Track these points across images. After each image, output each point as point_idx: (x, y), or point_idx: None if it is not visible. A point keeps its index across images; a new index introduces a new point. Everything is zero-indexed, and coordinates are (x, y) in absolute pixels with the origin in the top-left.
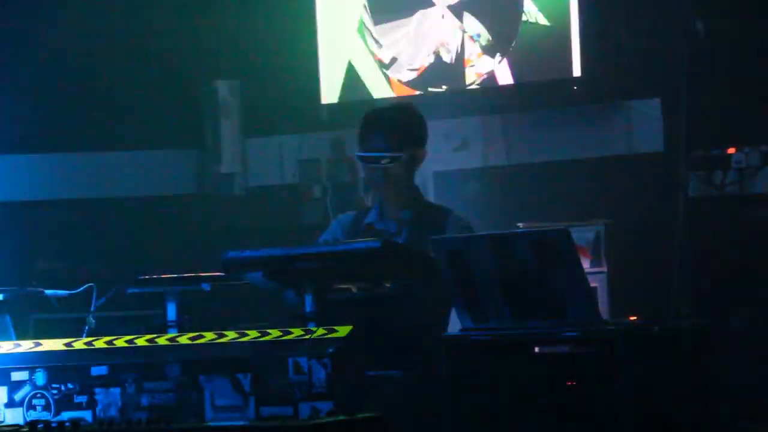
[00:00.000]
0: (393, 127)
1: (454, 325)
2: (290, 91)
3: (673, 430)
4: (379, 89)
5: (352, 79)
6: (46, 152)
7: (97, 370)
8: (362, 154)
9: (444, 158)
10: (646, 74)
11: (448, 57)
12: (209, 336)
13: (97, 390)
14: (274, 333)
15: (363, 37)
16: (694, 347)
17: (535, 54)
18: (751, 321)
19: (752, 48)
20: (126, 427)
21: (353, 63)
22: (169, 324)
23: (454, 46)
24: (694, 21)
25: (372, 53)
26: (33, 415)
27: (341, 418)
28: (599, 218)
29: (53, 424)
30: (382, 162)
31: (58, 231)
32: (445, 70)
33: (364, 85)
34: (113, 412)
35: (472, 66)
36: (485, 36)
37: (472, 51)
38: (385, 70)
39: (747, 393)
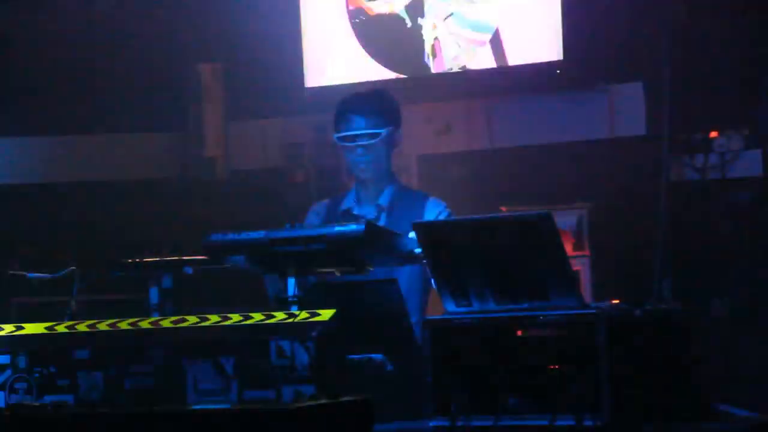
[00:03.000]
0: (369, 107)
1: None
2: (274, 75)
3: (654, 413)
4: (363, 73)
5: (335, 62)
6: (27, 136)
7: (80, 354)
8: (341, 134)
9: (427, 142)
10: (628, 58)
11: (431, 40)
12: (192, 320)
13: (79, 374)
14: (257, 316)
15: (347, 20)
16: (675, 330)
17: (518, 38)
18: (731, 303)
19: (734, 32)
20: (108, 410)
21: (337, 46)
22: (152, 308)
23: (438, 30)
24: (677, 5)
25: (355, 36)
26: (15, 399)
27: (324, 401)
28: (582, 202)
29: (35, 408)
30: (361, 141)
31: (40, 214)
32: (428, 54)
33: (348, 69)
34: (95, 395)
35: (455, 49)
36: (468, 20)
37: (456, 35)
38: (368, 54)
39: (728, 376)
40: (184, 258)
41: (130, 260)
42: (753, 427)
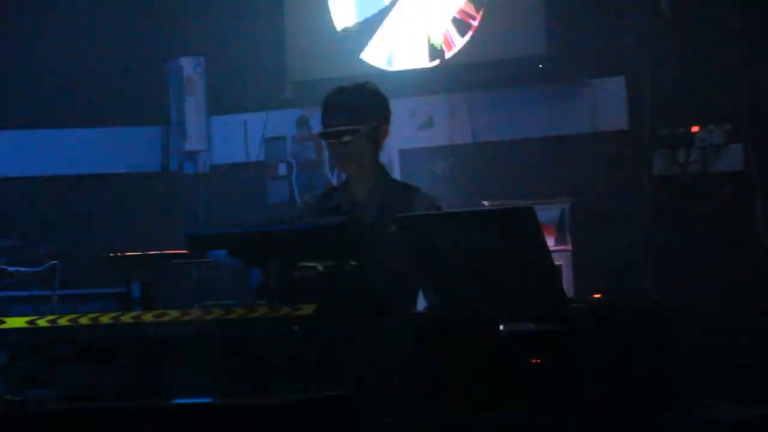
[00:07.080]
0: (353, 103)
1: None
2: (255, 69)
3: (637, 407)
4: (346, 67)
5: (318, 56)
6: (8, 129)
7: (61, 348)
8: (323, 131)
9: (409, 136)
10: (611, 52)
11: (414, 35)
12: (173, 314)
13: (60, 368)
14: (239, 311)
15: (330, 13)
16: (657, 325)
17: (501, 32)
18: (713, 297)
19: (716, 26)
20: (90, 405)
21: (320, 40)
22: (134, 302)
23: (421, 24)
24: None
25: (339, 30)
26: None
27: (307, 396)
28: (564, 196)
29: (17, 403)
30: (343, 137)
31: (21, 208)
32: (411, 48)
33: (330, 63)
34: (77, 390)
35: (438, 44)
36: (451, 13)
37: (439, 28)
38: (351, 48)
39: (711, 369)
40: (167, 252)
41: (111, 254)
42: (737, 421)
